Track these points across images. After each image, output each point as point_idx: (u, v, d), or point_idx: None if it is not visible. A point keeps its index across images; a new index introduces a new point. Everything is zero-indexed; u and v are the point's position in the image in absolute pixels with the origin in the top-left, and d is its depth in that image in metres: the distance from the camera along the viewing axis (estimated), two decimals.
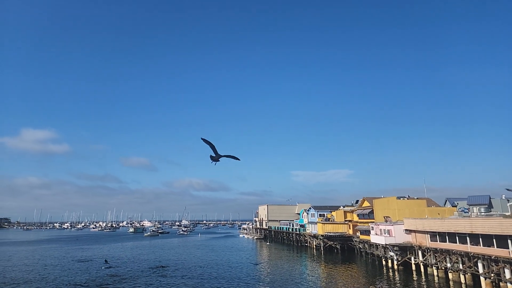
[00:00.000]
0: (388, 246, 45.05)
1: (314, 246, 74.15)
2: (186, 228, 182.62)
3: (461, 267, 34.60)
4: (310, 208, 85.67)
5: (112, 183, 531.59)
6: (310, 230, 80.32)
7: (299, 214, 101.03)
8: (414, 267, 42.55)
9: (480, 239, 32.48)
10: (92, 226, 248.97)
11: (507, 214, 39.11)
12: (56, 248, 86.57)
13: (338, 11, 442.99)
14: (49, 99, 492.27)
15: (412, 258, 43.15)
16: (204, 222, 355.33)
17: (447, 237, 37.59)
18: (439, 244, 38.70)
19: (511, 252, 28.56)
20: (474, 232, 33.09)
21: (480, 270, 31.72)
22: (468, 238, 34.18)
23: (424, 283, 36.65)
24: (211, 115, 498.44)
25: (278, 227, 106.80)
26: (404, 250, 44.52)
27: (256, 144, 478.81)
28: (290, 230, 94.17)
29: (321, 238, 69.46)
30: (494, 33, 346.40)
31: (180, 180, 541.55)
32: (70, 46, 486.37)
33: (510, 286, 28.06)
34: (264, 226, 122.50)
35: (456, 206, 58.41)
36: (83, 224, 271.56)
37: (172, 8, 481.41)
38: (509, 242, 28.91)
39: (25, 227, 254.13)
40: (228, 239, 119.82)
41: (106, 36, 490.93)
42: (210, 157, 16.17)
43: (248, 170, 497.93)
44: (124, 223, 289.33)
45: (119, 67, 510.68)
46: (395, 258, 44.86)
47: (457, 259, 35.34)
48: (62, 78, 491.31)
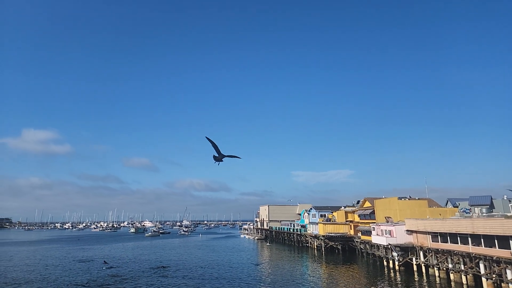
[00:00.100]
0: (391, 247, 44.90)
1: (315, 247, 74.06)
2: (187, 229, 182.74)
3: (462, 268, 34.50)
4: (311, 208, 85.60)
5: (113, 184, 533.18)
6: (311, 230, 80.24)
7: (300, 214, 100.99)
8: (415, 267, 42.45)
9: (482, 240, 32.38)
10: (93, 226, 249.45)
11: (508, 214, 39.01)
12: (57, 248, 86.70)
13: (338, 12, 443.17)
14: (50, 99, 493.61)
15: (414, 259, 43.06)
16: (205, 222, 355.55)
17: (448, 237, 37.48)
18: (440, 245, 38.61)
19: None
20: (475, 233, 33.00)
21: (482, 271, 31.62)
22: (469, 239, 34.08)
23: (425, 284, 36.56)
24: (211, 116, 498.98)
25: (279, 228, 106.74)
26: (406, 250, 44.41)
27: (257, 144, 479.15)
28: (291, 230, 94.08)
29: (322, 238, 69.39)
30: (495, 33, 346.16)
31: (181, 180, 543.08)
32: (70, 46, 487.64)
33: (511, 287, 28.00)
34: (265, 227, 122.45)
35: (457, 207, 58.33)
36: (84, 224, 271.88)
37: (172, 8, 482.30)
38: (511, 242, 28.79)
39: (26, 227, 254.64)
40: (229, 240, 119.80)
41: (106, 36, 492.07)
42: (213, 157, 16.15)
43: (249, 171, 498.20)
44: (125, 223, 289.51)
45: (119, 67, 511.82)
46: (397, 258, 44.77)
47: (458, 259, 35.24)
48: (63, 78, 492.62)
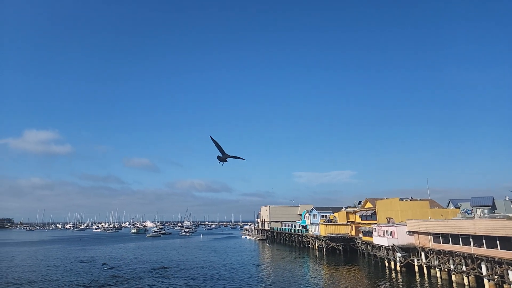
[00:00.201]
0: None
1: (317, 247, 73.96)
2: (188, 229, 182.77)
3: (464, 269, 34.39)
4: (313, 209, 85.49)
5: (114, 184, 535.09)
6: (313, 231, 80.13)
7: (301, 215, 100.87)
8: (417, 268, 42.34)
9: (484, 241, 32.27)
10: (94, 226, 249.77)
11: (510, 215, 38.81)
12: (59, 248, 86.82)
13: (338, 11, 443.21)
14: (51, 100, 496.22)
15: (415, 260, 42.94)
16: (206, 223, 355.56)
17: (450, 238, 37.37)
18: (442, 246, 38.49)
19: None
20: (477, 234, 32.89)
21: (484, 272, 31.52)
22: (471, 240, 33.97)
23: (427, 285, 36.46)
24: (212, 116, 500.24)
25: (280, 228, 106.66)
26: (407, 251, 44.29)
27: (258, 145, 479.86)
28: (292, 231, 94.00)
29: (323, 239, 69.30)
30: (495, 33, 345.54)
31: (182, 181, 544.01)
32: (70, 46, 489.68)
33: None
34: (266, 227, 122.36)
35: (459, 208, 58.13)
36: (85, 224, 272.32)
37: (172, 8, 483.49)
38: None
39: (27, 227, 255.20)
40: (230, 240, 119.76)
41: (106, 36, 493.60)
42: (218, 157, 16.06)
43: (250, 171, 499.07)
44: (126, 223, 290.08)
45: (119, 67, 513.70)
46: (398, 259, 44.65)
47: (460, 260, 35.13)
48: (63, 78, 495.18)
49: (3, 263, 57.43)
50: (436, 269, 38.92)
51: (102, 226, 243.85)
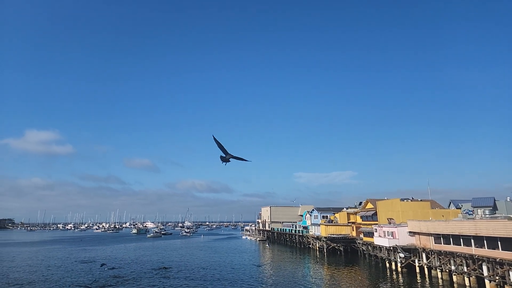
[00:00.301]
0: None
1: (317, 248, 73.91)
2: (188, 230, 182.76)
3: (465, 270, 34.34)
4: (313, 209, 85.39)
5: (115, 184, 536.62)
6: (313, 232, 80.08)
7: (302, 215, 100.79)
8: (418, 269, 42.27)
9: (485, 242, 32.23)
10: (95, 227, 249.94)
11: None
12: (60, 249, 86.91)
13: (339, 12, 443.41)
14: (51, 100, 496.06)
15: (416, 261, 42.88)
16: (207, 223, 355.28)
17: (451, 239, 37.33)
18: (443, 247, 38.44)
19: None
20: (478, 235, 32.85)
21: (485, 273, 31.47)
22: (472, 241, 33.92)
23: (428, 286, 36.41)
24: (212, 116, 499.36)
25: (281, 229, 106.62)
26: (408, 252, 44.22)
27: (258, 145, 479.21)
28: (293, 231, 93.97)
29: (324, 240, 69.24)
30: (496, 33, 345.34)
31: (183, 181, 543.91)
32: (70, 46, 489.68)
33: None
34: (267, 228, 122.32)
35: (460, 208, 58.06)
36: (86, 225, 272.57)
37: (172, 8, 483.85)
38: None
39: (28, 228, 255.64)
40: (230, 241, 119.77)
41: (106, 36, 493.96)
42: (221, 157, 15.99)
43: (251, 172, 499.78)
44: (127, 224, 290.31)
45: (119, 67, 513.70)
46: (399, 260, 44.59)
47: (461, 261, 35.08)
48: (63, 78, 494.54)
49: (4, 263, 57.51)
50: (437, 270, 38.88)
51: (103, 226, 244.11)
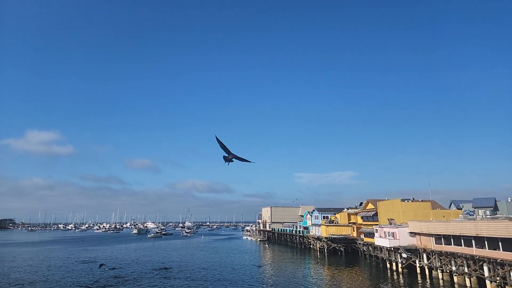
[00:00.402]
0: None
1: (318, 249, 73.87)
2: (189, 230, 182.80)
3: (466, 270, 34.31)
4: (314, 210, 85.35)
5: (115, 185, 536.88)
6: (314, 232, 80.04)
7: (302, 216, 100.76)
8: (418, 270, 42.23)
9: (486, 242, 32.19)
10: (96, 227, 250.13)
11: None
12: (60, 249, 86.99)
13: (340, 12, 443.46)
14: (51, 100, 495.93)
15: (417, 261, 42.84)
16: (207, 223, 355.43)
17: (452, 240, 37.29)
18: (444, 247, 38.41)
19: None
20: (479, 235, 32.81)
21: (486, 274, 31.44)
22: (473, 241, 33.89)
23: (429, 286, 36.38)
24: (213, 116, 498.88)
25: (281, 229, 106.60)
26: (409, 252, 44.15)
27: (259, 145, 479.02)
28: (294, 232, 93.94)
29: (324, 240, 69.21)
30: (497, 33, 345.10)
31: (183, 181, 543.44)
32: (70, 46, 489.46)
33: None
34: (267, 228, 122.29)
35: (461, 209, 57.89)
36: (87, 225, 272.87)
37: (172, 8, 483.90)
38: None
39: (29, 228, 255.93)
40: (231, 241, 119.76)
41: (106, 36, 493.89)
42: (223, 157, 15.96)
43: (252, 172, 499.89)
44: (128, 224, 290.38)
45: (119, 67, 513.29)
46: (400, 261, 44.54)
47: (462, 262, 35.05)
48: (63, 79, 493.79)
49: (5, 263, 57.58)
50: (438, 270, 38.84)
51: (104, 226, 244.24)
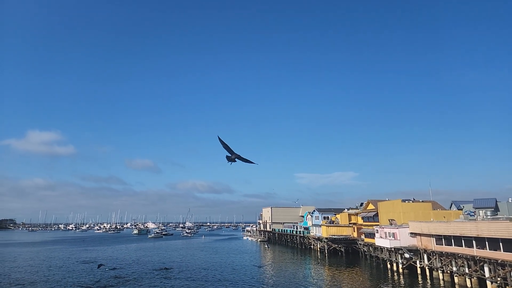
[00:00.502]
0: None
1: (318, 249, 73.83)
2: (190, 230, 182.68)
3: (467, 271, 34.27)
4: (314, 210, 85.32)
5: (116, 185, 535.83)
6: (314, 232, 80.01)
7: (303, 216, 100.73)
8: (419, 270, 42.19)
9: (486, 243, 32.17)
10: (96, 227, 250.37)
11: None
12: (61, 249, 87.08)
13: (341, 12, 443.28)
14: (52, 100, 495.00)
15: (418, 262, 42.81)
16: (208, 224, 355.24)
17: (452, 240, 37.26)
18: (444, 248, 38.37)
19: None
20: (480, 236, 32.79)
21: (487, 274, 31.40)
22: (474, 242, 33.86)
23: (429, 287, 36.35)
24: (213, 117, 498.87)
25: (282, 230, 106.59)
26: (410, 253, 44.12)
27: (259, 146, 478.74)
28: (294, 232, 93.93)
29: (325, 241, 69.18)
30: (496, 34, 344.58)
31: (184, 182, 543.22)
32: (70, 46, 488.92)
33: None
34: (268, 229, 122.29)
35: (462, 209, 57.87)
36: (87, 225, 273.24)
37: (172, 8, 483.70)
38: None
39: (30, 228, 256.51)
40: (232, 241, 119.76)
41: (106, 36, 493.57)
42: (226, 157, 16.02)
43: (252, 173, 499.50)
44: (128, 224, 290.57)
45: (119, 67, 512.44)
46: (400, 261, 44.49)
47: (463, 262, 35.01)
48: (63, 79, 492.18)
49: (6, 263, 57.66)
50: (439, 271, 38.81)
51: (104, 227, 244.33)
